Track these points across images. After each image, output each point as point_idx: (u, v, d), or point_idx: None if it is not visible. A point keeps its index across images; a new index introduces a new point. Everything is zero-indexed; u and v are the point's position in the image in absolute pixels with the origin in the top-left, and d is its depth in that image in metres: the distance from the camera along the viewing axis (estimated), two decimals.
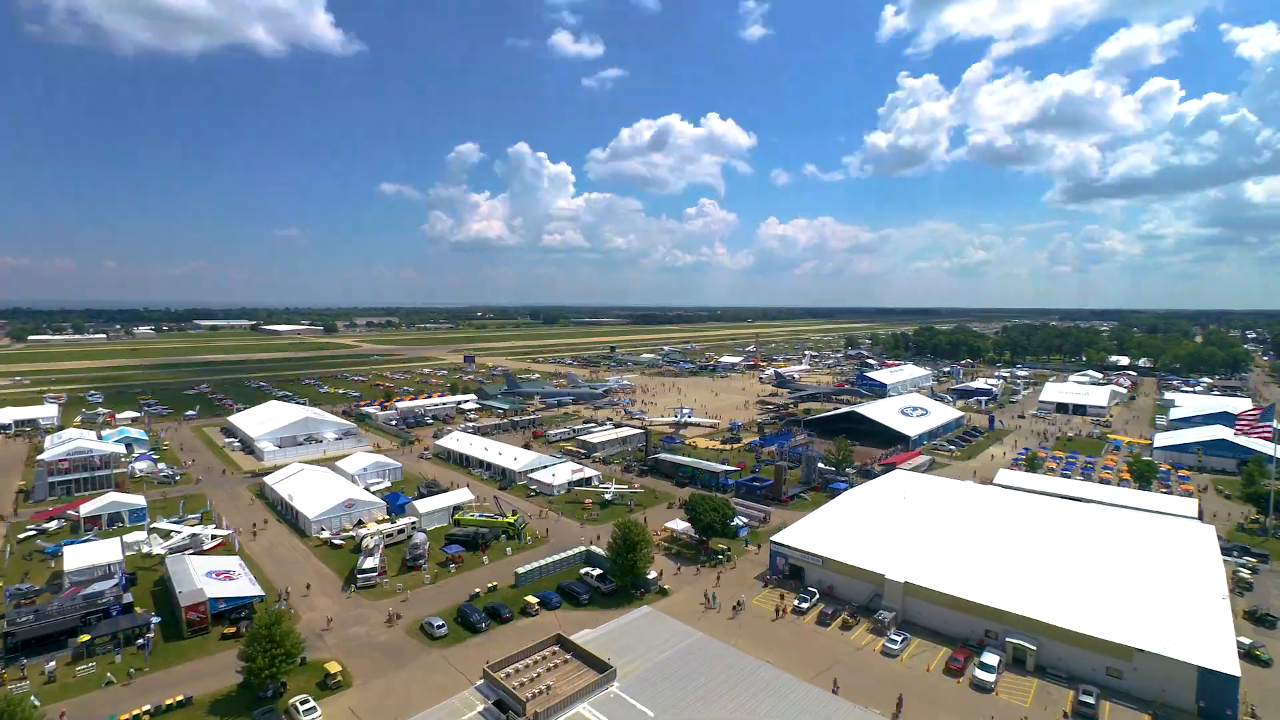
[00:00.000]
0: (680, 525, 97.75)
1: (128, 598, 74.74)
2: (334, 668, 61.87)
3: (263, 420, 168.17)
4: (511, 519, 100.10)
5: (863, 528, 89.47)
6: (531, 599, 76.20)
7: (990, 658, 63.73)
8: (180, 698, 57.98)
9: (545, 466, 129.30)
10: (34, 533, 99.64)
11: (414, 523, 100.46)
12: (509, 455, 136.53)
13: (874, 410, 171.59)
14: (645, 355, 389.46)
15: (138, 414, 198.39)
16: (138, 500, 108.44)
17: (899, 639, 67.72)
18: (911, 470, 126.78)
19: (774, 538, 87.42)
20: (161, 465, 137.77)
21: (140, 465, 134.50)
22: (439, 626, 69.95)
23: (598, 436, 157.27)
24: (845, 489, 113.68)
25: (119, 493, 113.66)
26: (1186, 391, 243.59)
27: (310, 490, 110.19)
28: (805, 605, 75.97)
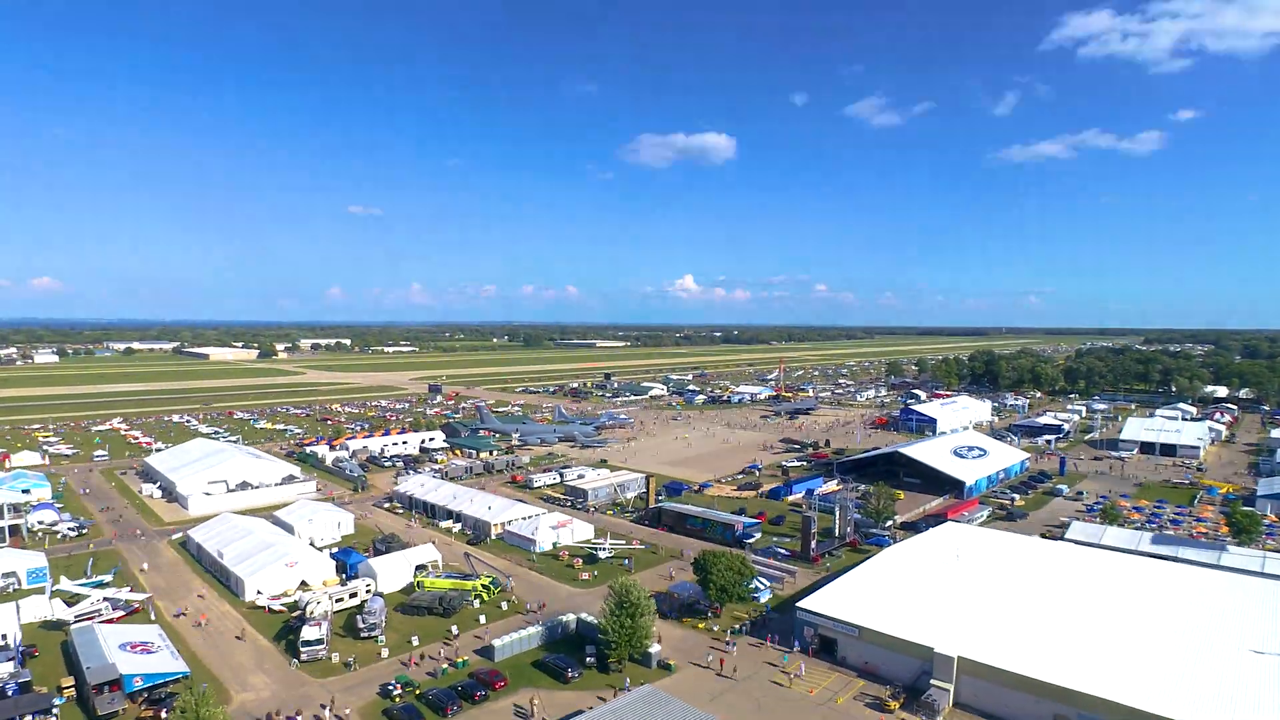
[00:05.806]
0: (688, 587, 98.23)
1: (26, 675, 74.85)
2: None
3: (187, 462, 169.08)
4: (485, 581, 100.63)
5: (908, 592, 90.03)
6: None
7: None
8: None
9: (526, 518, 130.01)
10: None
11: (368, 585, 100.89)
12: (482, 504, 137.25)
13: (921, 451, 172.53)
14: (645, 384, 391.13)
15: (36, 454, 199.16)
16: (37, 558, 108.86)
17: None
18: (966, 523, 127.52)
19: (800, 603, 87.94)
20: (65, 516, 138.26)
21: (40, 516, 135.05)
22: (400, 710, 70.25)
23: (590, 482, 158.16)
24: (886, 545, 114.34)
25: (13, 549, 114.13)
26: None
27: (244, 546, 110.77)
28: None
